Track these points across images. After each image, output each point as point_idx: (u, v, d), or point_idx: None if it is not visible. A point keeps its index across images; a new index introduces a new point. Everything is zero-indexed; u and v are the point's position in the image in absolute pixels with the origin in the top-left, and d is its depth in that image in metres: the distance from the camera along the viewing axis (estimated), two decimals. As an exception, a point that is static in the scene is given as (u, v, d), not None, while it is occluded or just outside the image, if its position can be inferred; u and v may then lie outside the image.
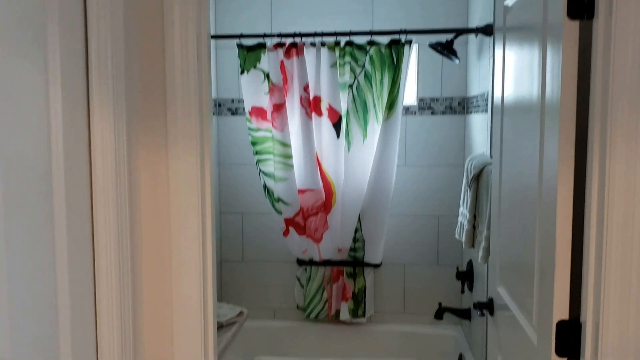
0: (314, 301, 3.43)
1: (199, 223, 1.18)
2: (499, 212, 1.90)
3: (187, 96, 1.18)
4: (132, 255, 1.13)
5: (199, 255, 1.18)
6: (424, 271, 3.49)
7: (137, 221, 1.15)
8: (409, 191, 3.42)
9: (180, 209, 1.18)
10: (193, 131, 1.18)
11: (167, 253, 1.19)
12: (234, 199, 3.52)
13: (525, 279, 1.55)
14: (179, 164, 1.18)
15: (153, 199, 1.19)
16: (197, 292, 1.18)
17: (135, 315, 1.12)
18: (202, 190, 1.20)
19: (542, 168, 1.41)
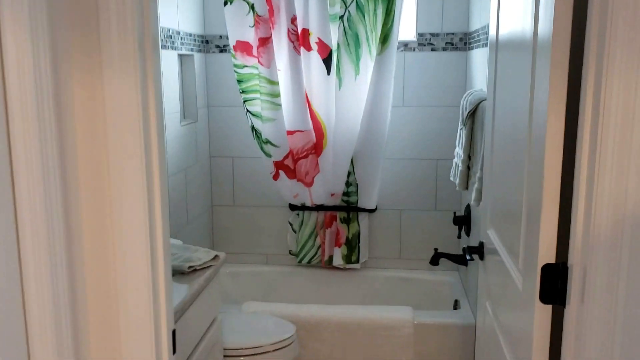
0: (307, 247, 3.35)
1: (141, 165, 1.04)
2: (491, 151, 1.76)
3: (122, 8, 1.02)
4: (64, 197, 1.00)
5: (142, 203, 1.05)
6: (421, 216, 3.37)
7: (69, 162, 1.01)
8: (407, 133, 3.26)
9: (119, 147, 1.04)
10: (131, 49, 1.03)
11: (107, 198, 1.07)
12: (224, 143, 3.38)
13: (513, 221, 1.43)
14: (114, 90, 1.04)
15: (91, 130, 1.05)
16: (144, 252, 1.06)
17: (70, 272, 1.01)
18: (145, 121, 1.05)
19: (533, 104, 1.26)
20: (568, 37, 1.10)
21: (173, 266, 1.74)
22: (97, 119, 1.05)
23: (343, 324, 2.73)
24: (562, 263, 1.13)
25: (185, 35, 2.93)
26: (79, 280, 1.03)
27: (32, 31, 0.92)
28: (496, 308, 1.64)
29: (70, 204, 1.01)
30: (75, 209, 1.02)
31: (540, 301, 1.16)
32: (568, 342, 1.09)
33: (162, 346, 1.10)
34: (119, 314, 1.07)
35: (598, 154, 1.01)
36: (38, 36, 0.93)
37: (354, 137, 3.03)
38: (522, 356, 1.28)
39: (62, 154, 0.98)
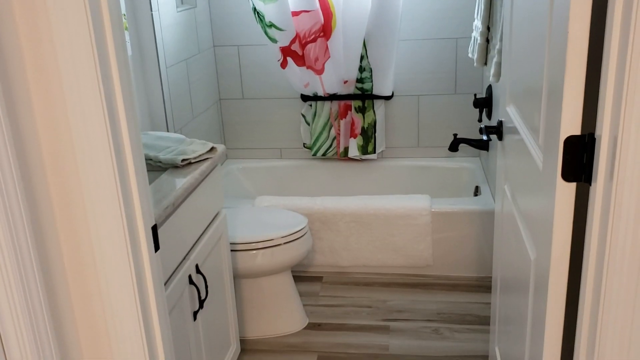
0: (321, 138, 3.22)
1: (90, 34, 0.88)
2: (510, 20, 1.55)
3: None
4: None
5: (96, 90, 0.90)
6: (440, 101, 3.18)
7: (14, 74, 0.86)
8: (423, 11, 2.98)
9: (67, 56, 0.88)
10: None
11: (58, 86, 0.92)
12: (228, 30, 3.16)
13: (535, 94, 1.25)
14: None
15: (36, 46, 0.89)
16: (104, 141, 0.93)
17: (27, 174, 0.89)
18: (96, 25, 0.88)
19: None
20: None
21: (165, 160, 1.63)
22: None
23: (358, 214, 2.66)
24: (589, 134, 0.97)
25: None
26: (36, 175, 0.92)
27: None
28: (515, 191, 1.51)
29: (17, 102, 0.87)
30: (24, 109, 0.89)
31: (562, 179, 1.02)
32: (593, 225, 0.96)
33: (139, 243, 1.00)
34: (86, 213, 0.96)
35: (635, 6, 0.82)
36: None
37: (365, 16, 2.78)
38: (543, 242, 1.17)
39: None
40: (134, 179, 1.00)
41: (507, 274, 1.67)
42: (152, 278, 1.04)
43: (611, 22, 0.88)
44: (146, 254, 1.02)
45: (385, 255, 2.70)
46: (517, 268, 1.49)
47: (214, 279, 1.80)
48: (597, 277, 0.97)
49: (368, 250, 2.70)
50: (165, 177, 1.58)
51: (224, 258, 1.90)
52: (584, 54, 0.97)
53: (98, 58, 0.88)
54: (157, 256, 1.08)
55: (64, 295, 0.99)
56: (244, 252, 2.14)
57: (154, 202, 1.39)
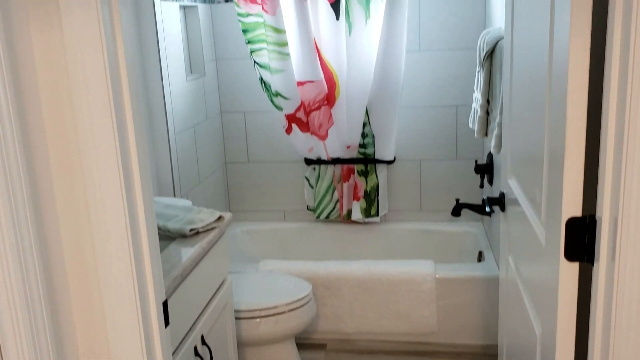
0: (325, 201, 3.25)
1: (111, 119, 0.93)
2: (510, 93, 1.61)
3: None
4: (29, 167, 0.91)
5: (114, 161, 0.94)
6: (442, 166, 3.24)
7: (31, 122, 0.91)
8: (424, 79, 3.09)
9: (82, 95, 0.93)
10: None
11: (76, 159, 0.97)
12: (235, 97, 3.26)
13: (535, 169, 1.30)
14: (75, 37, 0.92)
15: (53, 84, 0.94)
16: (120, 214, 0.96)
17: (41, 232, 0.92)
18: (113, 68, 0.94)
19: (553, 36, 1.11)
20: None
21: (174, 229, 1.66)
22: (59, 72, 0.94)
23: (362, 279, 2.66)
24: (590, 216, 1.01)
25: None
26: (53, 246, 0.95)
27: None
28: (519, 263, 1.53)
29: (37, 170, 0.91)
30: (43, 175, 0.93)
31: (565, 258, 1.05)
32: (597, 303, 0.98)
33: (150, 319, 1.02)
34: (99, 286, 0.99)
35: (629, 88, 0.87)
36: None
37: (367, 85, 2.88)
38: (548, 319, 1.18)
39: (22, 115, 0.88)
40: (147, 256, 1.03)
41: (513, 343, 1.66)
42: (162, 354, 1.05)
43: (607, 115, 0.92)
44: (157, 330, 1.03)
45: (390, 322, 2.68)
46: (523, 339, 1.49)
47: (218, 349, 1.79)
48: (603, 357, 0.97)
49: (372, 317, 2.69)
50: (173, 247, 1.60)
51: (229, 327, 1.90)
52: (582, 139, 1.01)
53: (119, 142, 0.93)
54: (167, 331, 1.09)
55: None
56: (247, 320, 2.13)
57: (163, 273, 1.41)
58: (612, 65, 0.90)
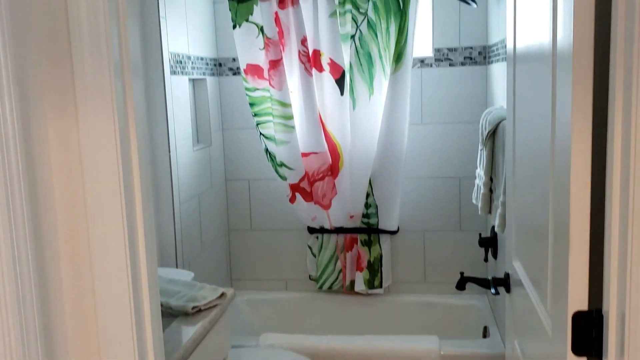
0: (327, 271, 3.23)
1: (121, 215, 0.95)
2: (513, 174, 1.63)
3: (96, 41, 0.94)
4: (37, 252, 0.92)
5: (122, 257, 0.95)
6: (445, 237, 3.23)
7: (43, 214, 0.93)
8: (427, 151, 3.14)
9: (96, 194, 0.95)
10: (106, 86, 0.94)
11: (84, 250, 0.98)
12: (240, 165, 3.31)
13: (539, 257, 1.30)
14: (89, 131, 0.95)
15: (66, 177, 0.97)
16: (126, 306, 0.97)
17: (47, 323, 0.92)
18: (125, 165, 0.96)
19: (555, 129, 1.14)
20: (591, 45, 0.97)
21: (176, 307, 1.65)
22: (73, 164, 0.96)
23: (365, 355, 2.60)
24: (596, 310, 1.00)
25: (196, 59, 2.87)
26: (57, 336, 0.94)
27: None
28: (524, 349, 1.50)
29: (47, 262, 0.92)
30: (52, 265, 0.94)
31: (572, 353, 1.03)
32: (607, 402, 0.96)
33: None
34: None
35: (632, 177, 0.88)
36: (2, 80, 0.84)
37: (370, 157, 2.92)
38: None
39: (35, 209, 0.89)
40: (150, 340, 1.02)
41: None
42: None
43: (610, 216, 0.93)
44: (156, 422, 1.01)
45: (393, 400, 2.60)
46: None
47: None
48: None
49: (375, 394, 2.61)
50: (175, 326, 1.59)
51: (228, 408, 1.85)
52: (585, 235, 1.02)
53: (127, 231, 0.94)
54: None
55: None
56: (247, 398, 2.08)
57: (165, 354, 1.39)
58: (615, 154, 0.91)
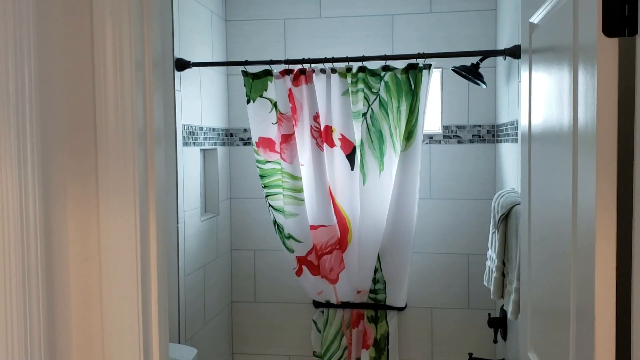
0: (332, 348, 3.14)
1: (138, 322, 0.93)
2: (528, 262, 1.61)
3: (121, 138, 0.95)
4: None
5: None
6: (454, 315, 3.16)
7: (60, 316, 0.91)
8: (435, 226, 3.12)
9: (113, 295, 0.94)
10: (129, 184, 0.95)
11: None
12: (246, 235, 3.29)
13: (557, 347, 1.26)
14: (110, 227, 0.95)
15: (84, 274, 0.95)
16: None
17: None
18: (144, 264, 0.95)
19: (576, 215, 1.13)
20: (614, 126, 0.98)
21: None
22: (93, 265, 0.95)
23: None
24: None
25: (208, 130, 2.92)
26: None
27: (20, 157, 0.85)
28: None
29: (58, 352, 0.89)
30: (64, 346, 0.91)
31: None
32: None
33: None
34: None
35: None
36: (27, 171, 0.85)
37: (379, 232, 2.90)
38: None
39: (50, 297, 0.88)
40: None
41: None
42: None
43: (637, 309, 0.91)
44: None
45: None
46: None
47: None
48: None
49: None
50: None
51: None
52: (612, 328, 0.99)
53: (142, 332, 0.92)
54: None
55: None
56: None
57: None
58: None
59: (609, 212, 0.98)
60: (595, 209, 0.99)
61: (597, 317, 1.00)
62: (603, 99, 0.98)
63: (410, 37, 3.04)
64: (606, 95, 0.97)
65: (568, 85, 1.19)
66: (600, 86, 0.98)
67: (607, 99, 0.97)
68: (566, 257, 1.20)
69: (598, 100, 0.98)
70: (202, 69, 2.81)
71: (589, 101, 1.04)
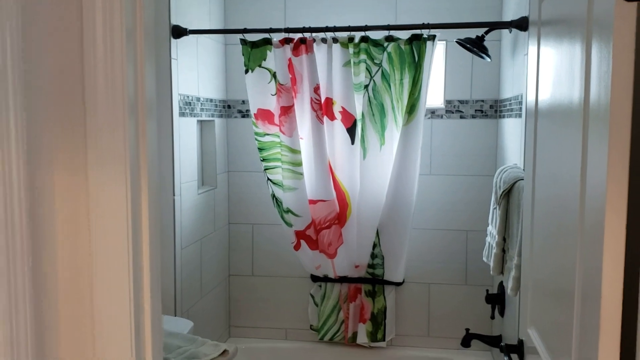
0: (329, 322, 3.14)
1: (129, 293, 0.90)
2: (531, 237, 1.57)
3: (111, 108, 0.90)
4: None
5: (128, 336, 0.90)
6: (451, 291, 3.15)
7: (46, 285, 0.88)
8: (435, 202, 3.09)
9: (105, 264, 0.90)
10: (119, 154, 0.90)
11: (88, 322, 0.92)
12: (244, 209, 3.26)
13: (561, 331, 1.23)
14: (99, 196, 0.91)
15: (73, 243, 0.92)
16: None
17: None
18: (135, 234, 0.92)
19: (585, 191, 1.09)
20: (629, 101, 0.93)
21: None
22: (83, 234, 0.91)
23: (366, 414, 2.49)
24: (629, 401, 0.93)
25: (205, 101, 2.86)
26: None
27: (2, 133, 0.80)
28: None
29: (48, 339, 0.86)
30: (53, 338, 0.88)
31: None
32: None
33: None
34: None
35: None
36: (10, 139, 0.80)
37: (379, 207, 2.87)
38: None
39: (37, 272, 0.84)
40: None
41: None
42: None
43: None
44: None
45: None
46: None
47: None
48: None
49: None
50: (173, 385, 1.51)
51: None
52: (616, 323, 0.96)
53: (133, 306, 0.88)
54: None
55: None
56: None
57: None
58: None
59: (620, 188, 0.94)
60: (607, 184, 0.95)
61: (603, 296, 0.96)
62: (618, 66, 0.93)
63: (415, 7, 2.96)
64: (622, 63, 0.92)
65: (580, 57, 1.13)
66: (616, 50, 0.92)
67: (622, 67, 0.92)
68: (572, 234, 1.16)
69: (613, 68, 0.93)
70: (200, 37, 2.74)
71: (602, 70, 0.99)
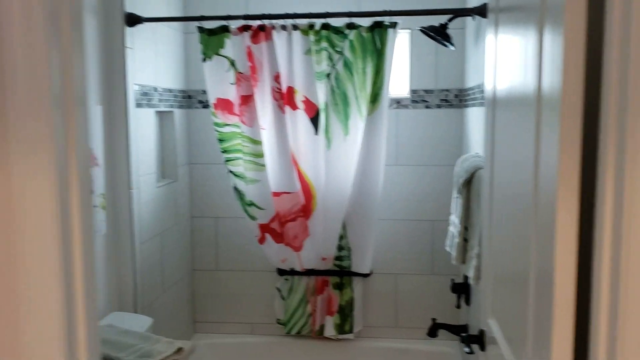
0: (296, 315, 3.10)
1: (60, 294, 0.83)
2: (489, 226, 1.55)
3: (34, 99, 0.83)
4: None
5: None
6: (418, 281, 3.14)
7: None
8: (401, 193, 3.07)
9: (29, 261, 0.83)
10: (44, 146, 0.83)
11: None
12: (207, 202, 3.18)
13: (518, 320, 1.20)
14: (24, 189, 0.83)
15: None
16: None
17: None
18: (64, 229, 0.85)
19: (538, 177, 1.06)
20: (580, 88, 0.91)
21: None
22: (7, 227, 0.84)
23: (332, 408, 2.46)
24: (583, 391, 0.91)
25: (164, 91, 2.77)
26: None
27: None
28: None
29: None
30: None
31: None
32: None
33: None
34: None
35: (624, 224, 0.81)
36: None
37: (344, 199, 2.83)
38: None
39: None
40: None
41: None
42: None
43: (599, 269, 0.85)
44: None
45: None
46: None
47: None
48: None
49: None
50: (122, 386, 1.45)
51: None
52: (569, 310, 0.93)
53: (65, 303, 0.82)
54: None
55: None
56: None
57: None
58: (604, 217, 0.84)
59: (572, 168, 0.91)
60: (558, 169, 0.92)
61: (556, 282, 0.94)
62: (569, 53, 0.90)
63: None
64: (573, 50, 0.89)
65: (534, 44, 1.11)
66: (567, 37, 0.89)
67: (573, 54, 0.89)
68: (527, 219, 1.14)
69: (564, 55, 0.90)
70: (157, 25, 2.64)
71: (555, 57, 0.96)
